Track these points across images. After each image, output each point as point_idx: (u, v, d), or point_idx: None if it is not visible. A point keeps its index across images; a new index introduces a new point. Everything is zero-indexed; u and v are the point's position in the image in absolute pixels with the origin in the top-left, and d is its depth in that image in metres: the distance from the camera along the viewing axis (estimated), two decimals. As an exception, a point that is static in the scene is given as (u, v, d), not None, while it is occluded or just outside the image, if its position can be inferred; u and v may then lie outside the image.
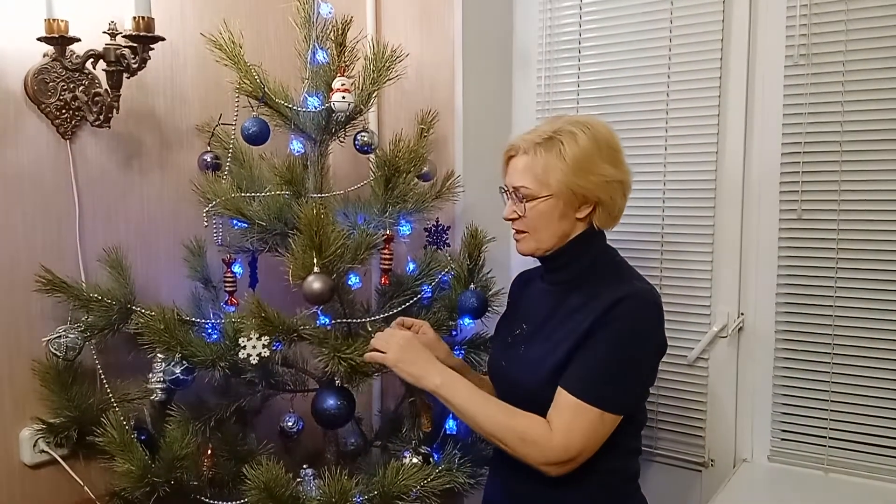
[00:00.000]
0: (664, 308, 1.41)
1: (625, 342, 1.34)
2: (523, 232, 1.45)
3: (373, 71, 1.70)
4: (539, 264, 1.57)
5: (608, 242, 1.51)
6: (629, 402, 1.37)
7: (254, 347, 1.52)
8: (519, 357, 1.47)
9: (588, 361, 1.34)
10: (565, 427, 1.31)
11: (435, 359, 1.45)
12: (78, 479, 1.68)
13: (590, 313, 1.36)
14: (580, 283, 1.44)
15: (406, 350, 1.44)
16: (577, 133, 1.39)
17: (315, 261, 1.50)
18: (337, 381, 1.58)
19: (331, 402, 1.60)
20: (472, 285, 1.76)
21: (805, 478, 1.78)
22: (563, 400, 1.33)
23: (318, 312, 1.60)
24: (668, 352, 1.44)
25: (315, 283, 1.49)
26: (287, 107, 1.68)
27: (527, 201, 1.41)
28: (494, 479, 1.59)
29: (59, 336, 1.60)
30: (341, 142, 1.79)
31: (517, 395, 1.42)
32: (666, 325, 1.41)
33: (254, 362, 1.52)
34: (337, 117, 1.70)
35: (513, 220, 1.46)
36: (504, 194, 1.49)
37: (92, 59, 1.61)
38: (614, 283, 1.40)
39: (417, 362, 1.43)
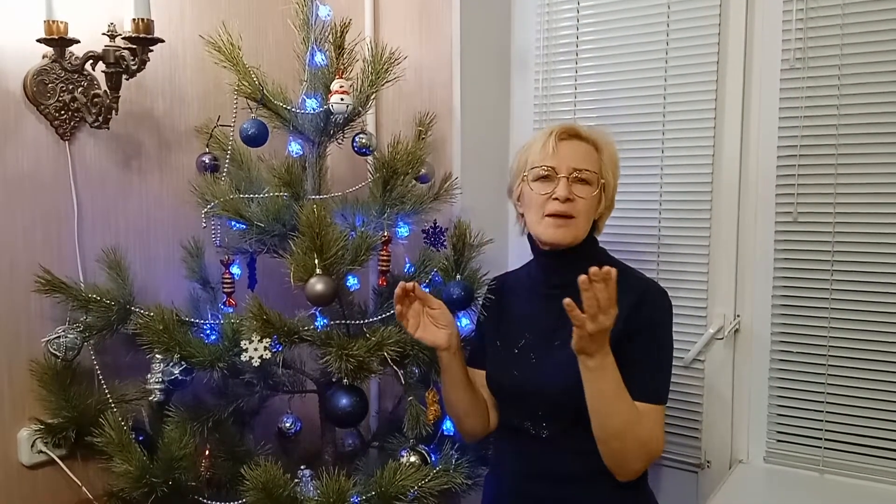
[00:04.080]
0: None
1: (664, 335, 1.42)
2: (571, 217, 1.41)
3: (371, 73, 1.71)
4: (512, 270, 1.58)
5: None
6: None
7: (255, 349, 1.52)
8: (533, 366, 1.46)
9: (647, 364, 1.37)
10: (656, 432, 1.37)
11: None
12: (76, 480, 1.69)
13: (621, 312, 1.33)
14: None
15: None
16: (607, 135, 1.50)
17: (316, 262, 1.51)
18: (345, 380, 1.58)
19: (344, 401, 1.60)
20: (457, 276, 1.74)
21: (801, 479, 1.79)
22: (642, 409, 1.35)
23: (317, 314, 1.60)
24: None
25: (318, 285, 1.49)
26: (285, 108, 1.69)
27: (589, 185, 1.42)
28: (496, 479, 1.59)
29: (58, 336, 1.61)
30: (339, 143, 1.79)
31: (538, 402, 1.43)
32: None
33: (256, 364, 1.52)
34: (335, 119, 1.71)
35: (569, 200, 1.40)
36: (546, 178, 1.44)
37: (91, 61, 1.61)
38: (627, 279, 1.40)
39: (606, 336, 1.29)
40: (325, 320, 1.60)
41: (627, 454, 1.35)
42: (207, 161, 1.84)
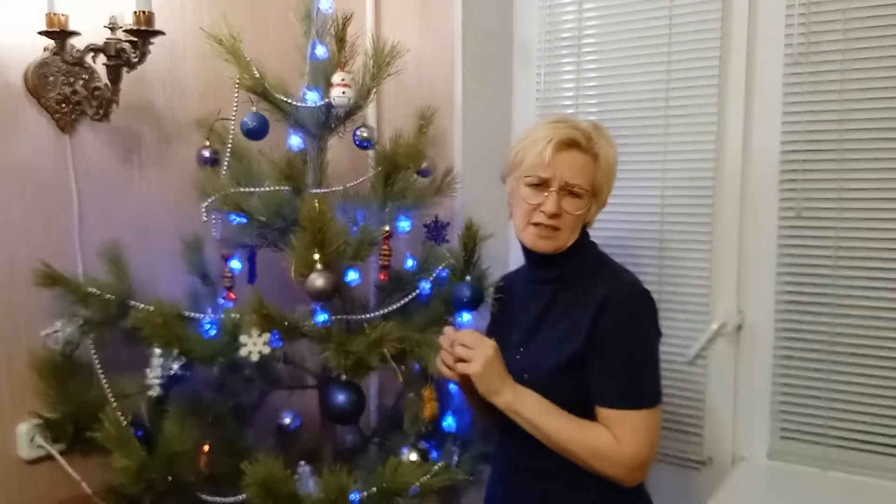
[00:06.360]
0: (663, 305, 1.41)
1: (632, 336, 1.36)
2: (558, 229, 1.41)
3: (372, 66, 1.70)
4: (513, 270, 1.58)
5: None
6: (659, 389, 1.39)
7: (254, 345, 1.51)
8: (516, 362, 1.46)
9: (611, 370, 1.35)
10: (628, 437, 1.33)
11: (507, 372, 1.41)
12: (75, 475, 1.68)
13: (588, 311, 1.37)
14: (570, 279, 1.44)
15: (492, 362, 1.38)
16: (609, 140, 1.44)
17: (317, 257, 1.50)
18: (343, 377, 1.57)
19: (341, 397, 1.59)
20: (467, 277, 1.73)
21: (803, 476, 1.78)
22: (613, 416, 1.34)
23: (317, 309, 1.59)
24: (667, 349, 1.45)
25: (318, 281, 1.49)
26: (286, 102, 1.68)
27: (579, 199, 1.40)
28: (496, 477, 1.58)
29: (57, 330, 1.60)
30: (341, 137, 1.79)
31: None
32: (665, 323, 1.43)
33: (254, 360, 1.52)
34: (336, 112, 1.70)
35: (556, 216, 1.39)
36: (537, 186, 1.40)
37: (92, 54, 1.60)
38: (602, 277, 1.41)
39: (496, 375, 1.39)
40: (325, 315, 1.59)
41: (590, 464, 1.35)
42: (208, 154, 1.82)
